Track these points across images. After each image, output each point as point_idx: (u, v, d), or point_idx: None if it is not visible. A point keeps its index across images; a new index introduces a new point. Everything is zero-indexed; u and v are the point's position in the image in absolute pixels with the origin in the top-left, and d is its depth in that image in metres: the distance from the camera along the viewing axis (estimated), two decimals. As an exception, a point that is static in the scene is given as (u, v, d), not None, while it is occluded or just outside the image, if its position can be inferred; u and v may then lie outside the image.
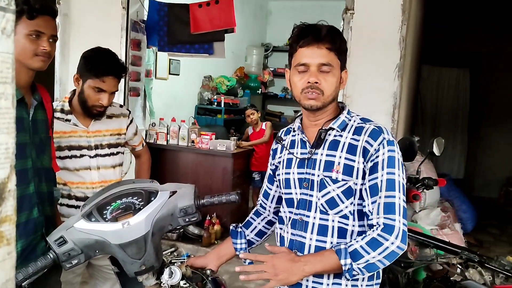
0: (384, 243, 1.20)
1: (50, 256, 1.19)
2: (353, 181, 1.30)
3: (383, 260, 1.21)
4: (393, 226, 1.21)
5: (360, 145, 1.30)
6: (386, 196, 1.24)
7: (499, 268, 1.88)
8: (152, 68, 5.17)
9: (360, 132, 1.32)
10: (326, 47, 1.29)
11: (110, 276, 2.03)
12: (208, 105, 6.82)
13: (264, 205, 1.60)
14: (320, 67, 1.30)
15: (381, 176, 1.26)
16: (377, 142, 1.28)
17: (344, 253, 1.20)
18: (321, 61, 1.29)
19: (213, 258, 1.50)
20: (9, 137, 0.37)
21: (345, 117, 1.37)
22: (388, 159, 1.27)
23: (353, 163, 1.30)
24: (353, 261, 1.19)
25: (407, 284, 2.12)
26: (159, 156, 4.59)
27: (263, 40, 8.13)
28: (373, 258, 1.20)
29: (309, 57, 1.30)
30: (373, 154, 1.28)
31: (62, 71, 4.09)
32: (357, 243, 1.21)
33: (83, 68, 1.94)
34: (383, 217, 1.23)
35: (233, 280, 3.68)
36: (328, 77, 1.31)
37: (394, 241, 1.20)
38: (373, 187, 1.27)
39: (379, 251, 1.20)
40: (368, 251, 1.19)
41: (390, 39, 3.37)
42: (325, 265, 1.22)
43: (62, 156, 1.96)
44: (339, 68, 1.34)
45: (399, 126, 3.61)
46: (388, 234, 1.20)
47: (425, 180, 2.25)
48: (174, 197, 1.26)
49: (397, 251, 1.21)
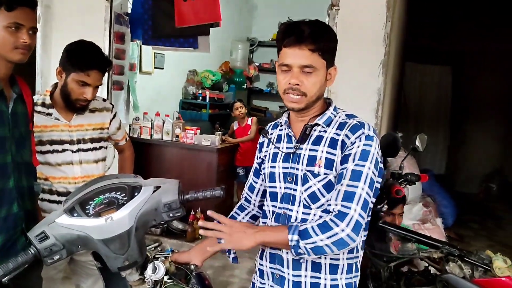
0: (334, 228, 1.20)
1: (31, 251, 1.18)
2: (333, 174, 1.31)
3: (330, 245, 1.21)
4: (346, 214, 1.22)
5: (340, 139, 1.31)
6: (348, 185, 1.25)
7: (478, 262, 1.92)
8: (136, 61, 5.11)
9: (342, 128, 1.33)
10: (309, 48, 1.28)
11: (93, 271, 2.01)
12: (192, 99, 6.78)
13: (249, 198, 1.60)
14: (302, 68, 1.29)
15: (349, 166, 1.27)
16: (355, 136, 1.29)
17: (294, 229, 1.22)
18: (303, 63, 1.29)
19: (197, 253, 1.49)
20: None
21: (331, 113, 1.38)
22: (362, 152, 1.27)
23: (333, 157, 1.31)
24: (301, 239, 1.21)
25: (389, 278, 2.15)
26: (143, 150, 4.56)
27: (248, 35, 8.11)
28: (321, 241, 1.20)
29: (291, 58, 1.30)
30: (348, 146, 1.29)
31: (43, 63, 4.01)
32: (309, 223, 1.23)
33: (67, 61, 1.90)
34: (340, 204, 1.24)
35: (218, 275, 3.69)
36: (311, 78, 1.30)
37: (344, 228, 1.20)
38: (339, 176, 1.28)
39: (327, 235, 1.20)
40: (317, 233, 1.21)
41: (374, 36, 3.39)
42: (275, 238, 1.25)
43: (44, 151, 1.93)
44: (324, 67, 1.33)
45: (382, 122, 3.65)
46: (340, 221, 1.21)
47: (407, 176, 2.28)
48: (158, 192, 1.26)
49: (346, 239, 1.21)
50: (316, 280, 1.33)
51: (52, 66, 4.01)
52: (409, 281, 2.12)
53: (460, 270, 1.94)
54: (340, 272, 1.34)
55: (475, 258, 1.93)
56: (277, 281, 1.39)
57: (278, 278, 1.38)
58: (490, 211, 6.63)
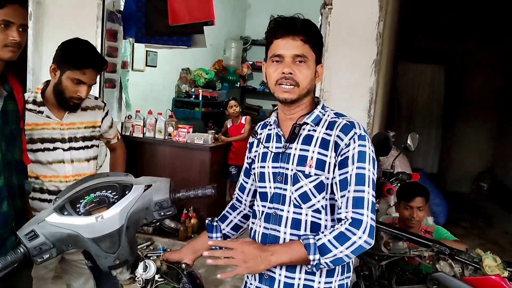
0: (352, 237, 1.20)
1: (20, 250, 1.17)
2: (325, 175, 1.31)
3: (349, 254, 1.22)
4: (361, 221, 1.22)
5: (332, 140, 1.31)
6: (355, 190, 1.25)
7: (468, 261, 1.94)
8: (129, 59, 5.08)
9: (332, 127, 1.33)
10: (301, 39, 1.30)
11: (83, 271, 2.00)
12: (185, 97, 6.76)
13: (240, 198, 1.60)
14: (294, 58, 1.30)
15: (351, 170, 1.27)
16: (348, 137, 1.29)
17: (314, 249, 1.20)
18: (295, 52, 1.30)
19: (188, 252, 1.49)
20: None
21: (319, 111, 1.38)
22: (359, 153, 1.28)
23: (325, 158, 1.31)
24: (321, 255, 1.20)
25: (381, 276, 2.16)
26: (135, 149, 4.54)
27: (242, 33, 8.11)
28: (341, 252, 1.20)
29: (283, 49, 1.30)
30: (343, 149, 1.29)
31: (35, 61, 3.98)
32: (325, 237, 1.21)
33: (62, 59, 1.89)
34: (351, 211, 1.23)
35: (209, 274, 3.68)
36: (303, 69, 1.31)
37: (361, 235, 1.21)
38: (343, 181, 1.27)
39: (346, 245, 1.20)
40: (336, 246, 1.20)
41: (367, 35, 3.40)
42: (292, 257, 1.22)
43: (34, 149, 1.92)
44: (314, 61, 1.34)
45: (375, 121, 3.66)
46: (356, 229, 1.21)
47: (399, 175, 2.29)
48: (149, 190, 1.25)
49: (364, 245, 1.22)
50: (310, 283, 1.33)
51: (43, 63, 3.98)
52: (400, 279, 2.13)
53: (451, 268, 1.95)
54: (336, 275, 1.34)
55: (466, 256, 1.95)
56: (265, 282, 1.37)
57: (267, 278, 1.37)
58: (481, 210, 6.69)
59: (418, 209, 2.41)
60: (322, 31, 3.50)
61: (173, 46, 4.47)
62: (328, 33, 3.45)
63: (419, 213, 2.42)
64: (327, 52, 3.47)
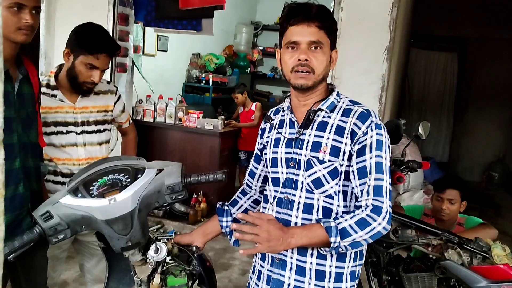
0: (372, 223, 1.23)
1: (36, 230, 1.20)
2: (339, 162, 1.31)
3: (368, 239, 1.25)
4: (381, 208, 1.24)
5: (348, 127, 1.31)
6: (375, 179, 1.27)
7: (477, 250, 1.94)
8: (140, 44, 5.08)
9: (348, 114, 1.33)
10: (316, 25, 1.29)
11: (96, 251, 2.04)
12: (196, 83, 6.76)
13: (250, 184, 1.61)
14: (310, 45, 1.30)
15: (370, 159, 1.28)
16: (365, 125, 1.29)
17: (335, 232, 1.22)
18: (311, 38, 1.29)
19: (199, 235, 1.51)
20: (-2, 111, 0.37)
21: (334, 98, 1.37)
22: (377, 142, 1.29)
23: (340, 145, 1.31)
24: (341, 239, 1.22)
25: (389, 263, 2.17)
26: (146, 133, 4.57)
27: (253, 18, 8.04)
28: (360, 237, 1.23)
29: (299, 35, 1.30)
30: (361, 137, 1.29)
31: (47, 44, 4.00)
32: (345, 222, 1.23)
33: (76, 44, 1.89)
34: (372, 199, 1.25)
35: (218, 257, 3.74)
36: (319, 55, 1.31)
37: (381, 222, 1.24)
38: (362, 170, 1.28)
39: (366, 230, 1.23)
40: (356, 230, 1.22)
41: (380, 21, 3.36)
42: (311, 239, 1.24)
43: (48, 132, 1.94)
44: (329, 47, 1.34)
45: (386, 109, 3.64)
46: (377, 215, 1.24)
47: (409, 163, 2.28)
48: (161, 174, 1.27)
49: (382, 231, 1.25)
50: (322, 268, 1.34)
51: (55, 47, 4.01)
52: (408, 266, 2.14)
53: (459, 257, 1.95)
54: (348, 261, 1.36)
55: (474, 245, 1.95)
56: (277, 265, 1.39)
57: (278, 262, 1.39)
58: (491, 200, 6.65)
59: (450, 201, 2.35)
60: (334, 16, 3.46)
61: (182, 31, 4.45)
62: (340, 19, 3.42)
63: (449, 205, 2.35)
64: (339, 38, 3.44)
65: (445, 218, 2.37)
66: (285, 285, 1.37)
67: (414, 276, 2.08)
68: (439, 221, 2.40)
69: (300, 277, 1.35)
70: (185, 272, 1.38)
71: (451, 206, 2.36)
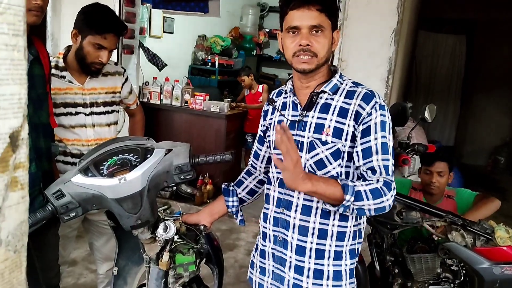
0: (383, 197, 1.25)
1: (48, 208, 1.23)
2: (341, 143, 1.32)
3: (372, 210, 1.25)
4: (391, 184, 1.27)
5: (352, 109, 1.32)
6: (383, 159, 1.28)
7: (480, 232, 1.96)
8: (146, 25, 5.07)
9: (352, 96, 1.33)
10: (317, 8, 1.28)
11: (105, 231, 2.08)
12: (202, 65, 6.74)
13: (255, 165, 1.63)
14: (311, 29, 1.29)
15: (375, 139, 1.29)
16: (370, 106, 1.30)
17: (352, 191, 1.22)
18: (312, 23, 1.29)
19: (206, 215, 1.54)
20: (22, 88, 0.39)
21: (337, 80, 1.38)
22: (381, 123, 1.30)
23: (343, 126, 1.32)
24: (353, 201, 1.23)
25: (392, 245, 2.20)
26: (153, 115, 4.59)
27: (259, 0, 7.97)
28: (369, 205, 1.24)
29: (299, 20, 1.29)
30: (365, 118, 1.30)
31: (54, 26, 4.00)
32: (361, 187, 1.24)
33: (83, 24, 1.90)
34: (383, 177, 1.27)
35: (224, 238, 3.79)
36: (320, 39, 1.30)
37: (389, 198, 1.26)
38: (367, 150, 1.29)
39: (376, 201, 1.24)
40: (368, 198, 1.23)
41: (388, 4, 3.33)
42: (326, 190, 1.23)
43: (58, 113, 1.96)
44: (330, 29, 1.33)
45: (392, 91, 3.63)
46: (388, 191, 1.26)
47: (415, 146, 2.28)
48: (170, 154, 1.29)
49: (386, 207, 1.26)
50: (322, 247, 1.36)
51: (62, 28, 4.01)
52: (411, 248, 2.17)
53: (463, 239, 1.98)
54: (346, 239, 1.38)
55: (478, 227, 1.97)
56: (279, 243, 1.42)
57: (281, 240, 1.42)
58: (497, 184, 6.65)
59: (439, 174, 2.34)
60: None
61: (190, 13, 4.44)
62: (348, 1, 3.38)
63: (439, 178, 2.34)
64: (346, 20, 3.42)
65: (434, 192, 2.37)
66: (287, 263, 1.41)
67: (418, 257, 2.11)
68: (427, 194, 2.39)
69: (300, 256, 1.38)
70: (193, 251, 1.41)
71: (440, 179, 2.35)
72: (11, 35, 0.38)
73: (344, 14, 3.42)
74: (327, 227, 1.36)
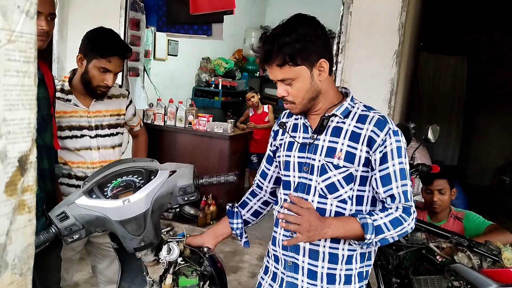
0: (404, 224, 1.28)
1: (52, 230, 1.23)
2: (354, 168, 1.32)
3: (395, 237, 1.29)
4: (410, 209, 1.30)
5: (365, 134, 1.32)
6: (402, 185, 1.31)
7: (487, 253, 1.93)
8: (151, 48, 5.14)
9: (364, 121, 1.33)
10: (276, 64, 1.29)
11: (108, 253, 2.07)
12: (205, 87, 6.81)
13: (261, 185, 1.62)
14: (282, 81, 1.33)
15: (393, 166, 1.31)
16: (384, 133, 1.31)
17: (372, 229, 1.24)
18: (277, 78, 1.33)
19: (210, 237, 1.54)
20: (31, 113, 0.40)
21: (348, 104, 1.37)
22: (397, 149, 1.31)
23: (355, 151, 1.32)
24: (375, 235, 1.25)
25: (398, 266, 2.17)
26: (156, 136, 4.61)
27: (262, 23, 8.08)
28: (391, 235, 1.27)
29: (270, 75, 1.34)
30: (380, 145, 1.30)
31: (60, 49, 4.07)
32: (381, 220, 1.26)
33: (88, 48, 1.93)
34: (402, 204, 1.30)
35: (228, 260, 3.75)
36: (293, 87, 1.32)
37: (410, 222, 1.29)
38: (386, 177, 1.31)
39: (398, 230, 1.27)
40: (389, 229, 1.26)
41: (389, 25, 3.37)
42: (347, 233, 1.27)
43: (63, 136, 1.98)
44: (303, 70, 1.29)
45: (395, 112, 3.64)
46: (408, 216, 1.29)
47: (419, 166, 2.28)
48: (174, 176, 1.30)
49: (409, 230, 1.31)
50: (332, 271, 1.36)
51: (68, 51, 4.07)
52: (417, 269, 2.14)
53: (469, 260, 1.95)
54: (355, 262, 1.38)
55: (484, 248, 1.94)
56: (289, 268, 1.41)
57: (290, 265, 1.40)
58: (502, 204, 6.59)
59: (439, 192, 2.32)
60: (343, 21, 3.48)
61: (193, 35, 4.50)
62: (349, 23, 3.43)
63: (440, 196, 2.32)
64: (348, 42, 3.46)
65: (437, 210, 2.35)
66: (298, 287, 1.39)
67: (424, 279, 2.08)
68: (432, 213, 2.38)
69: (312, 280, 1.37)
70: (196, 273, 1.40)
71: (441, 197, 2.33)
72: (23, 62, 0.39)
73: (346, 36, 3.46)
74: (337, 251, 1.36)
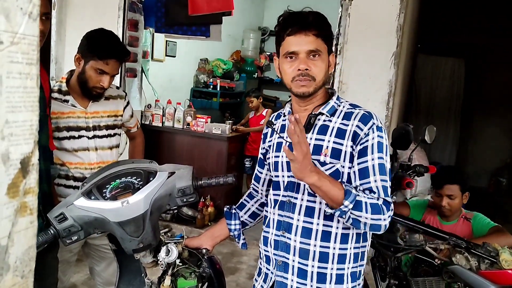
0: (381, 214, 1.25)
1: (50, 231, 1.22)
2: (340, 164, 1.33)
3: (368, 224, 1.25)
4: (389, 205, 1.28)
5: (350, 129, 1.33)
6: (381, 179, 1.29)
7: (484, 254, 1.94)
8: (149, 49, 5.14)
9: (349, 117, 1.35)
10: (313, 33, 1.30)
11: (106, 255, 2.06)
12: (203, 88, 6.80)
13: (256, 188, 1.63)
14: (309, 54, 1.32)
15: (372, 160, 1.30)
16: (367, 127, 1.31)
17: (352, 198, 1.22)
18: (309, 47, 1.31)
19: (207, 238, 1.54)
20: (33, 115, 0.40)
21: (334, 102, 1.40)
22: (378, 144, 1.31)
23: (341, 147, 1.33)
24: (352, 208, 1.23)
25: (396, 268, 2.18)
26: (154, 137, 4.61)
27: (260, 24, 8.09)
28: (366, 218, 1.24)
29: (297, 45, 1.31)
30: (362, 138, 1.31)
31: (58, 50, 4.06)
32: (364, 198, 1.24)
33: (86, 49, 1.92)
34: (382, 198, 1.28)
35: (226, 262, 3.75)
36: (318, 63, 1.33)
37: (386, 218, 1.27)
38: (363, 170, 1.30)
39: (374, 217, 1.24)
40: (367, 211, 1.24)
41: (387, 27, 3.38)
42: (329, 190, 1.22)
43: (61, 137, 1.97)
44: (327, 53, 1.36)
45: (393, 114, 3.65)
46: (387, 210, 1.27)
47: (416, 167, 2.29)
48: (173, 177, 1.30)
49: (382, 227, 1.27)
50: (323, 270, 1.35)
51: (66, 52, 4.06)
52: (415, 271, 2.15)
53: (467, 262, 1.96)
54: (347, 262, 1.37)
55: (482, 250, 1.95)
56: (279, 268, 1.41)
57: (280, 264, 1.41)
58: (499, 206, 6.61)
59: (449, 197, 2.29)
60: (341, 23, 3.49)
61: (192, 37, 4.50)
62: (347, 25, 3.44)
63: (449, 201, 2.29)
64: (346, 44, 3.46)
65: (446, 214, 2.35)
66: (288, 287, 1.39)
67: (422, 281, 2.08)
68: (442, 214, 2.37)
69: (302, 279, 1.37)
70: (195, 274, 1.40)
71: (451, 202, 2.31)
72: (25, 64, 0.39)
73: (344, 37, 3.47)
74: (328, 250, 1.35)
